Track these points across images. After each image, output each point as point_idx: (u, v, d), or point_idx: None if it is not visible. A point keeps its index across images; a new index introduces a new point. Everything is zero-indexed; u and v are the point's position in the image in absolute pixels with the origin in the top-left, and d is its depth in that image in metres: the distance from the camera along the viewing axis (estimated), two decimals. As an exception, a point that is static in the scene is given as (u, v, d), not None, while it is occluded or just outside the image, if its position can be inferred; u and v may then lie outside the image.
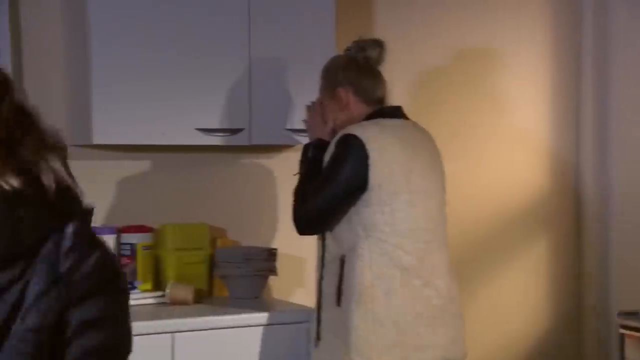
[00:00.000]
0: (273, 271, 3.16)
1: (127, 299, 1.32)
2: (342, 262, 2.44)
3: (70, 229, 1.22)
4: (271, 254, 3.16)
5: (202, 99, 3.02)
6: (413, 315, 2.43)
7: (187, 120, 3.01)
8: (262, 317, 2.87)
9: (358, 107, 2.57)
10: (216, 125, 3.05)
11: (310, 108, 2.71)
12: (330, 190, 2.44)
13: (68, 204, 1.25)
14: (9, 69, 2.88)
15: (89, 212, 1.27)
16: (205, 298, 3.11)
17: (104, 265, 1.25)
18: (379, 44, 2.60)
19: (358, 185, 2.42)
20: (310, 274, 3.47)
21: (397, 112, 2.59)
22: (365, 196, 2.42)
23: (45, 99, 3.09)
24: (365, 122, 2.51)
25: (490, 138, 3.86)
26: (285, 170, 3.47)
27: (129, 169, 3.24)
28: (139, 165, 3.24)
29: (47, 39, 3.08)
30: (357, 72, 2.58)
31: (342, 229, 2.46)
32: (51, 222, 1.22)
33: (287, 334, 2.89)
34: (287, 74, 3.15)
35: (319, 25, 3.18)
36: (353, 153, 2.42)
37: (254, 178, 3.44)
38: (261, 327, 2.85)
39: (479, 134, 3.83)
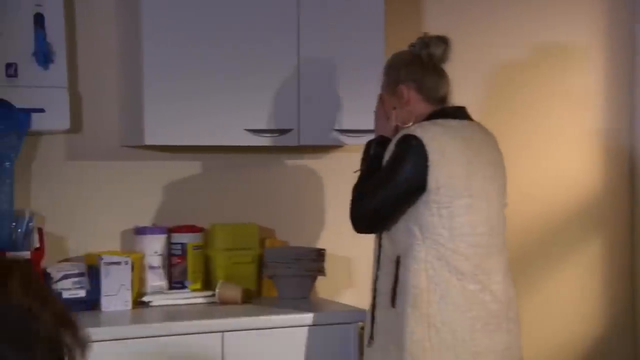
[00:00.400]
0: (321, 271, 3.16)
1: None
2: (398, 262, 2.41)
3: None
4: (320, 254, 3.16)
5: (251, 100, 3.04)
6: (469, 321, 2.39)
7: (236, 121, 3.02)
8: (310, 317, 2.87)
9: (419, 106, 2.51)
10: (265, 126, 3.06)
11: (377, 102, 2.66)
12: (388, 190, 2.41)
13: None
14: (64, 70, 2.94)
15: None
16: (254, 298, 3.12)
17: None
18: (444, 41, 2.53)
19: (416, 187, 2.38)
20: (358, 274, 3.48)
21: (460, 113, 2.53)
22: (424, 198, 2.39)
23: (99, 100, 3.14)
24: (426, 123, 2.46)
25: (545, 136, 3.82)
26: (333, 171, 3.48)
27: (179, 169, 3.27)
28: (189, 165, 3.27)
29: (101, 40, 3.13)
30: (420, 69, 2.52)
31: (398, 229, 2.44)
32: None
33: (335, 334, 2.89)
34: (336, 74, 3.15)
35: (368, 24, 3.17)
36: (413, 154, 2.38)
37: (302, 178, 3.44)
38: (310, 328, 2.85)
39: (535, 132, 3.79)
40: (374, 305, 2.49)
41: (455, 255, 2.38)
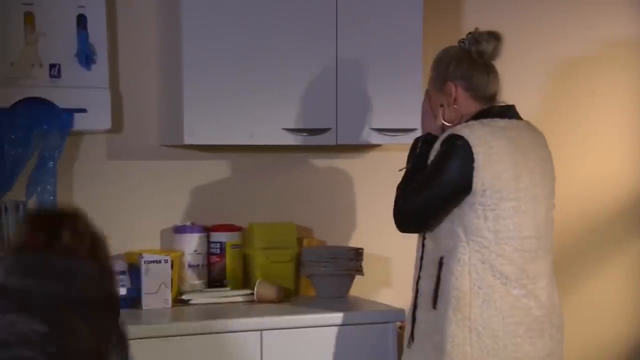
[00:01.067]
0: (359, 271, 3.16)
1: None
2: (440, 264, 2.38)
3: None
4: (357, 253, 3.17)
5: (289, 99, 3.05)
6: (511, 326, 2.35)
7: (274, 121, 3.04)
8: (348, 316, 2.87)
9: (467, 103, 2.45)
10: (303, 125, 3.07)
11: (423, 98, 2.59)
12: (433, 189, 2.37)
13: None
14: (105, 71, 2.98)
15: None
16: (292, 297, 3.14)
17: None
18: (495, 37, 2.45)
19: (462, 188, 2.34)
20: (396, 273, 3.47)
21: (508, 112, 2.46)
22: (469, 199, 2.34)
23: (139, 100, 3.18)
24: (473, 122, 2.40)
25: (587, 135, 3.79)
26: (370, 170, 3.48)
27: (218, 168, 3.29)
28: (228, 164, 3.29)
29: (141, 40, 3.16)
30: (469, 66, 2.45)
31: (442, 230, 2.40)
32: None
33: (373, 334, 2.89)
34: (374, 73, 3.14)
35: (406, 23, 3.17)
36: (458, 154, 2.33)
37: (339, 177, 3.45)
38: (347, 327, 2.86)
39: (576, 131, 3.76)
40: (415, 306, 2.46)
41: (500, 258, 2.34)
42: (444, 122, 2.47)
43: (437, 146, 2.41)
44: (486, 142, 2.34)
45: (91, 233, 1.83)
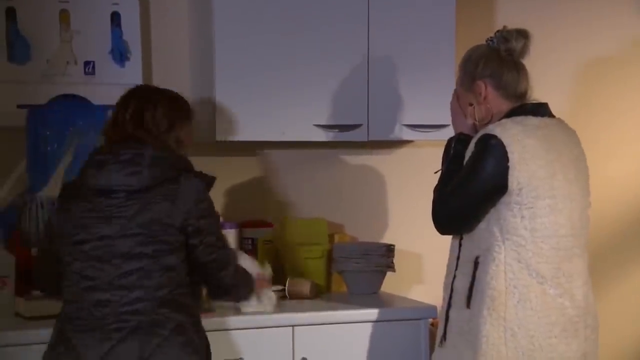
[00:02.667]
0: (391, 267, 3.16)
1: None
2: (476, 263, 2.36)
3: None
4: (389, 249, 3.16)
5: (320, 96, 3.06)
6: (546, 326, 2.33)
7: (306, 117, 3.05)
8: (380, 312, 2.87)
9: (497, 102, 2.44)
10: (334, 122, 3.07)
11: (452, 98, 2.56)
12: (469, 191, 2.35)
13: None
14: (139, 68, 3.00)
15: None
16: (324, 293, 3.14)
17: None
18: (523, 35, 2.45)
19: (497, 187, 2.32)
20: (427, 270, 3.47)
21: (541, 110, 2.44)
22: (505, 198, 2.33)
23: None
24: (506, 121, 2.39)
25: (620, 134, 3.75)
26: (402, 166, 3.47)
27: (250, 165, 3.31)
28: (259, 161, 3.31)
29: (174, 37, 3.18)
30: (498, 64, 2.44)
31: (479, 229, 2.38)
32: None
33: (405, 330, 2.89)
34: (405, 69, 3.14)
35: (438, 19, 3.16)
36: (492, 154, 2.32)
37: (370, 174, 3.45)
38: (379, 323, 2.86)
39: (610, 129, 3.74)
40: (449, 305, 2.44)
41: (536, 257, 2.32)
42: (475, 121, 2.45)
43: (471, 146, 2.39)
44: (520, 140, 2.32)
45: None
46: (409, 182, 3.44)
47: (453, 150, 2.45)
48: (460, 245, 2.43)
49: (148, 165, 2.25)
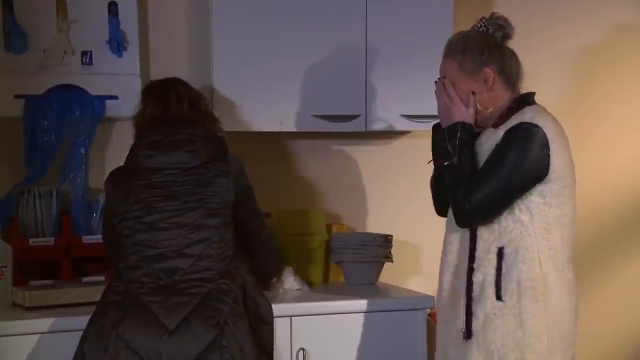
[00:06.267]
0: (389, 257, 3.17)
1: None
2: (501, 254, 2.34)
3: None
4: (387, 240, 3.17)
5: (318, 86, 3.06)
6: (574, 311, 2.38)
7: (304, 107, 3.05)
8: (378, 303, 2.88)
9: (500, 90, 2.42)
10: (332, 112, 3.07)
11: (441, 87, 2.46)
12: (511, 179, 2.31)
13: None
14: (136, 58, 3.00)
15: None
16: (321, 284, 3.15)
17: None
18: (509, 23, 2.45)
19: (539, 176, 2.32)
20: (425, 260, 3.47)
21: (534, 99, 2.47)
22: (540, 187, 2.32)
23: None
24: (536, 110, 2.38)
25: (618, 123, 3.76)
26: (399, 157, 3.47)
27: (247, 155, 3.29)
28: (257, 151, 3.30)
29: (171, 28, 3.18)
30: (500, 52, 2.43)
31: (502, 218, 2.35)
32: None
33: (403, 320, 2.89)
34: (403, 60, 3.14)
35: (436, 9, 3.16)
36: (537, 142, 2.30)
37: (368, 164, 3.45)
38: (377, 313, 2.86)
39: (608, 119, 3.74)
40: (470, 299, 2.37)
41: (560, 244, 2.34)
42: (479, 109, 2.41)
43: (497, 136, 2.34)
44: (554, 128, 2.34)
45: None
46: (407, 172, 3.44)
47: (459, 141, 2.37)
48: (474, 237, 2.38)
49: (202, 144, 2.47)
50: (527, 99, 2.43)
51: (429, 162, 2.51)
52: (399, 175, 3.46)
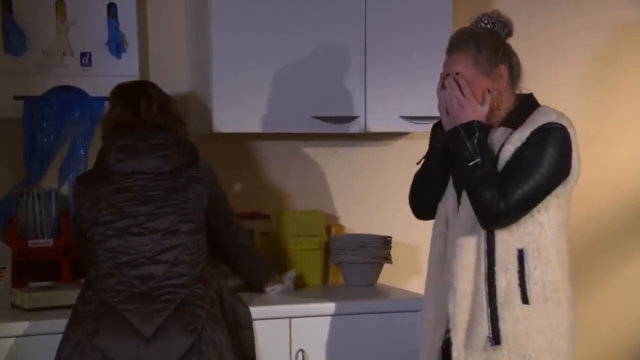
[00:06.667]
0: (388, 259, 3.17)
1: None
2: (521, 256, 2.31)
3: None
4: (386, 241, 3.17)
5: (317, 87, 3.06)
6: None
7: (303, 109, 3.05)
8: (377, 304, 2.88)
9: (508, 89, 2.38)
10: (331, 113, 3.07)
11: (453, 83, 2.34)
12: (542, 181, 2.27)
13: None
14: (136, 59, 3.00)
15: None
16: (321, 285, 3.14)
17: None
18: (511, 21, 2.42)
19: (561, 177, 2.31)
20: (424, 261, 3.45)
21: None
22: (559, 188, 2.31)
23: (168, 89, 3.16)
24: (548, 109, 2.35)
25: (619, 123, 3.76)
26: (398, 158, 3.47)
27: (246, 156, 3.30)
28: (256, 152, 3.31)
29: (171, 29, 3.18)
30: (510, 50, 2.39)
31: (523, 220, 2.31)
32: None
33: (402, 321, 2.89)
34: (402, 61, 3.14)
35: (435, 10, 3.16)
36: (565, 144, 2.29)
37: (367, 165, 3.45)
38: (376, 315, 2.87)
39: (608, 118, 3.74)
40: (493, 304, 2.30)
41: (566, 245, 2.35)
42: (494, 108, 2.35)
43: (523, 136, 2.30)
44: (574, 130, 2.33)
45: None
46: (406, 174, 3.41)
47: (477, 140, 2.28)
48: (492, 239, 2.32)
49: (174, 149, 2.43)
50: (532, 99, 2.40)
51: (418, 163, 2.47)
52: (398, 177, 3.45)
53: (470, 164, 2.27)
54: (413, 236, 3.41)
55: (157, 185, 2.41)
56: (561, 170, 2.30)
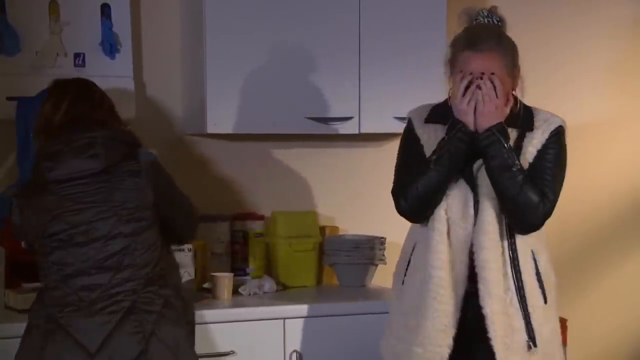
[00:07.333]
0: (382, 260, 3.17)
1: None
2: (533, 255, 2.34)
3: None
4: (380, 242, 3.17)
5: (311, 88, 3.05)
6: None
7: (297, 109, 3.04)
8: (371, 305, 2.88)
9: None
10: (326, 114, 3.07)
11: (490, 85, 2.25)
12: (562, 182, 2.34)
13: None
14: (130, 60, 2.99)
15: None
16: (315, 286, 3.14)
17: None
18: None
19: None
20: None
21: None
22: None
23: (162, 90, 3.19)
24: (546, 112, 2.39)
25: (615, 124, 3.76)
26: (393, 159, 3.46)
27: (241, 157, 3.30)
28: (251, 153, 3.30)
29: (165, 30, 3.17)
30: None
31: None
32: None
33: (396, 322, 2.89)
34: (396, 62, 3.14)
35: (429, 11, 3.16)
36: (565, 145, 2.38)
37: (362, 166, 3.45)
38: (370, 315, 2.86)
39: (604, 119, 3.74)
40: (524, 305, 2.30)
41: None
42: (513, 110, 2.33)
43: (543, 138, 2.31)
44: None
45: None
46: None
47: (507, 144, 2.24)
48: (513, 239, 2.32)
49: (105, 146, 2.27)
50: (519, 99, 2.39)
51: (432, 164, 2.36)
52: (392, 178, 3.45)
53: (514, 168, 2.24)
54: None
55: (97, 188, 2.26)
56: (564, 170, 2.37)
